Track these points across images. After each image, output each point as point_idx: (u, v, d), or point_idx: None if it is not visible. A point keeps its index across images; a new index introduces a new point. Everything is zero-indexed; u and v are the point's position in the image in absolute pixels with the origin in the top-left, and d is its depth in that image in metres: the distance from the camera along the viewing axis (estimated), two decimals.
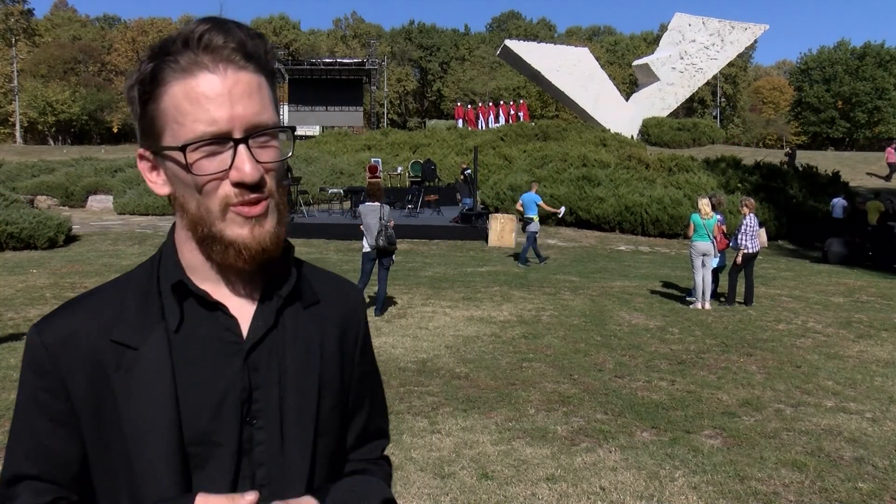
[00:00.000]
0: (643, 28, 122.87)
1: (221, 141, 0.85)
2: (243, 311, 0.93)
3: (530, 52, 34.66)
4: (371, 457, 1.10)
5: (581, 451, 4.60)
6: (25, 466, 0.90)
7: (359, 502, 0.92)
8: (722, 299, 10.19)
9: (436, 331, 7.96)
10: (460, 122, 38.47)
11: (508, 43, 35.23)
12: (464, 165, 21.16)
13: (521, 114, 39.40)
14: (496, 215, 17.28)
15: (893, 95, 59.98)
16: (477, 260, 14.60)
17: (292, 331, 0.95)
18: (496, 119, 38.65)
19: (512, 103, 41.06)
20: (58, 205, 22.71)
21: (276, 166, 0.90)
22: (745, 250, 9.91)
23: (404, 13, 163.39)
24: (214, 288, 0.93)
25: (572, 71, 34.37)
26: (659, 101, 36.50)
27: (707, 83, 47.75)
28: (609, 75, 38.65)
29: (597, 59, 37.74)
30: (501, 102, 42.01)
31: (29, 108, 56.83)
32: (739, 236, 9.94)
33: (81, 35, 68.92)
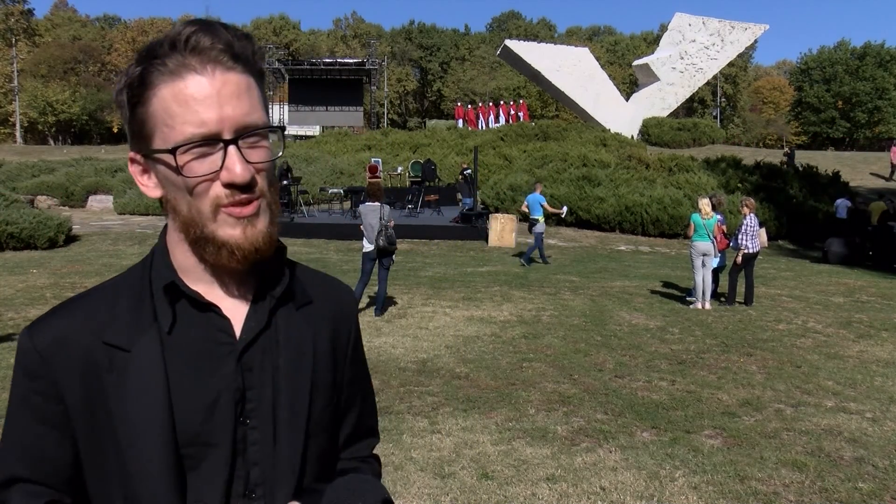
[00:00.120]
0: (643, 28, 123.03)
1: (211, 142, 0.85)
2: (236, 311, 0.93)
3: (530, 52, 34.67)
4: (361, 455, 1.10)
5: (581, 451, 4.60)
6: (18, 469, 0.90)
7: (356, 502, 0.92)
8: (722, 299, 10.19)
9: (436, 331, 7.96)
10: (460, 122, 38.48)
11: (508, 43, 35.24)
12: (464, 165, 21.17)
13: (521, 114, 39.41)
14: (496, 215, 17.28)
15: (893, 95, 60.00)
16: (477, 260, 14.60)
17: (285, 331, 0.95)
18: (496, 119, 38.66)
19: (512, 103, 41.07)
20: (58, 205, 22.72)
21: (267, 166, 0.90)
22: (746, 250, 9.92)
23: (404, 13, 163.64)
24: (207, 289, 0.93)
25: (572, 71, 34.38)
26: (659, 101, 36.51)
27: (707, 83, 47.76)
28: (609, 75, 38.66)
29: (597, 59, 37.75)
30: (501, 102, 42.02)
31: (29, 108, 56.90)
32: (740, 236, 9.94)
33: (81, 35, 68.96)
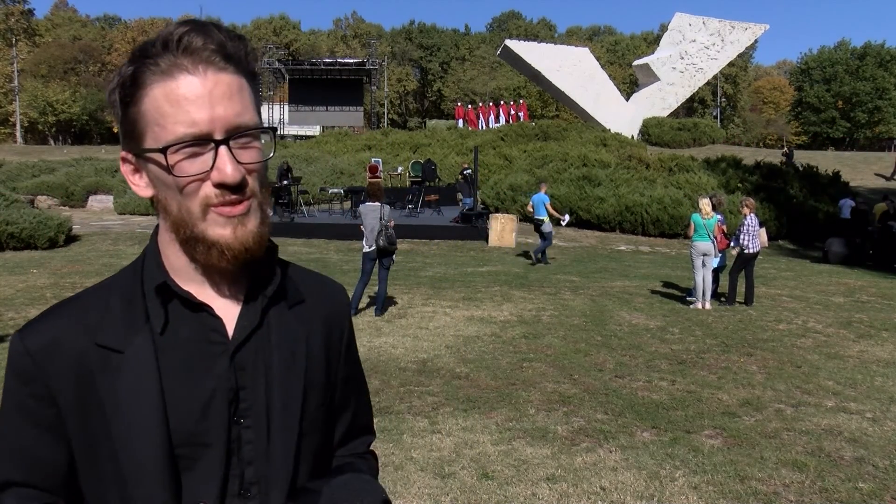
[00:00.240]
0: (643, 28, 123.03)
1: (202, 142, 0.85)
2: (228, 311, 0.93)
3: (530, 52, 34.69)
4: (357, 452, 1.11)
5: (581, 451, 4.60)
6: (12, 473, 0.90)
7: (355, 501, 0.92)
8: (722, 299, 10.18)
9: (436, 331, 7.96)
10: (461, 122, 38.49)
11: (509, 43, 35.26)
12: (464, 165, 21.17)
13: (521, 114, 39.42)
14: (496, 215, 17.28)
15: (894, 95, 60.02)
16: (477, 260, 14.60)
17: (277, 330, 0.95)
18: (496, 119, 38.67)
19: (512, 103, 41.08)
20: (58, 205, 22.72)
21: (258, 167, 0.90)
22: (746, 250, 9.92)
23: (404, 13, 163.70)
24: (199, 289, 0.93)
25: (573, 71, 34.39)
26: (659, 100, 36.52)
27: (707, 83, 47.77)
28: (609, 75, 38.67)
29: (597, 59, 37.77)
30: (502, 102, 42.04)
31: (29, 108, 56.92)
32: (742, 236, 9.94)
33: (82, 35, 68.99)
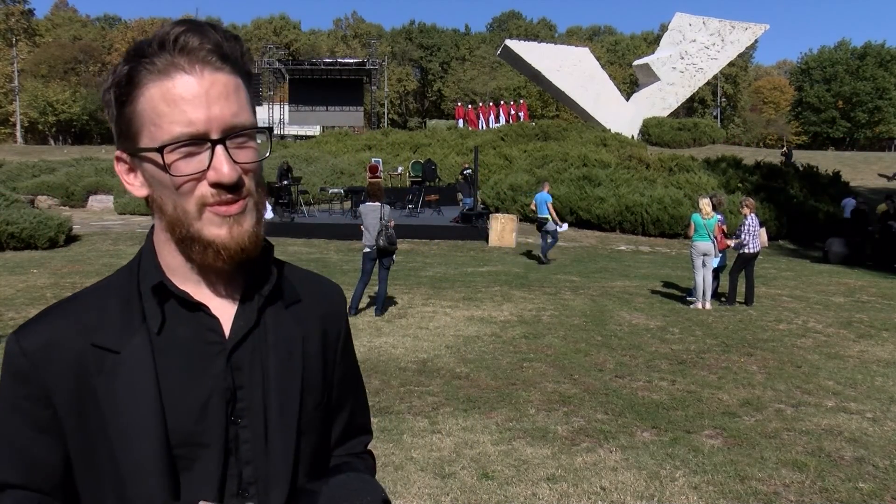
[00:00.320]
0: (643, 28, 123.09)
1: (199, 142, 0.85)
2: (225, 311, 0.93)
3: (531, 52, 34.68)
4: (355, 452, 1.11)
5: (581, 451, 4.60)
6: (8, 475, 0.89)
7: (354, 501, 0.92)
8: (722, 299, 10.18)
9: (436, 331, 7.96)
10: (461, 121, 38.49)
11: (509, 43, 35.26)
12: (465, 165, 21.16)
13: (521, 114, 39.41)
14: (497, 215, 17.27)
15: (894, 95, 60.01)
16: (477, 260, 14.60)
17: (274, 330, 0.95)
18: (496, 119, 38.66)
19: (512, 103, 41.08)
20: (58, 205, 22.72)
21: (254, 167, 0.90)
22: (746, 250, 9.92)
23: (404, 13, 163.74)
24: (195, 289, 0.92)
25: (573, 71, 34.39)
26: (659, 100, 36.51)
27: (707, 83, 47.77)
28: (609, 75, 38.67)
29: (597, 58, 37.76)
30: (502, 102, 42.03)
31: (29, 108, 56.94)
32: (743, 235, 9.94)
33: (82, 35, 69.00)
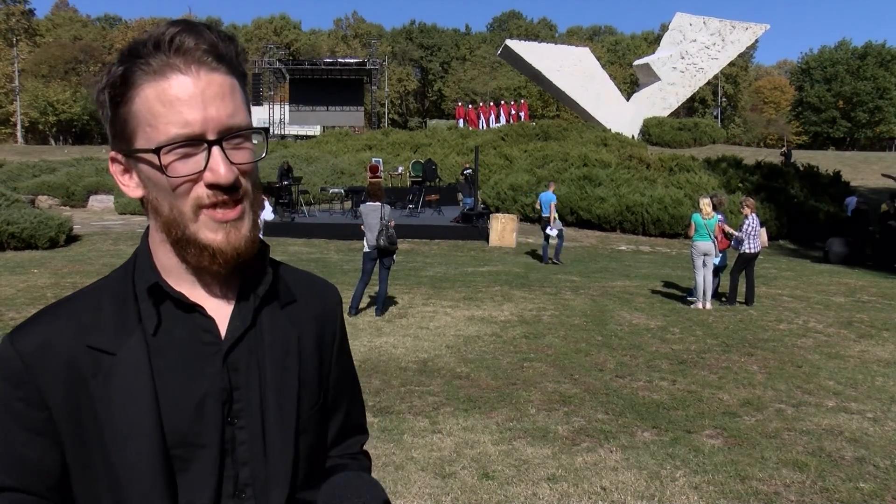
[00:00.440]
0: (644, 28, 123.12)
1: (195, 143, 0.85)
2: (220, 311, 0.93)
3: (531, 52, 34.68)
4: (351, 452, 1.11)
5: (582, 451, 4.60)
6: (3, 477, 0.88)
7: (354, 500, 0.92)
8: (723, 299, 10.18)
9: (437, 330, 7.96)
10: (461, 121, 38.49)
11: (509, 43, 35.25)
12: (466, 165, 21.15)
13: (521, 113, 39.40)
14: (497, 215, 17.28)
15: (894, 95, 59.96)
16: (478, 260, 14.60)
17: (270, 330, 0.95)
18: (497, 119, 38.66)
19: (513, 103, 41.06)
20: (59, 205, 22.73)
21: (251, 167, 0.90)
22: (747, 250, 9.91)
23: (405, 13, 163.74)
24: (191, 290, 0.92)
25: (573, 71, 34.39)
26: (660, 100, 36.50)
27: (708, 83, 47.77)
28: (610, 75, 38.67)
29: (598, 58, 37.75)
30: (502, 102, 42.01)
31: (30, 108, 56.97)
32: (743, 235, 9.93)
33: (82, 35, 68.98)
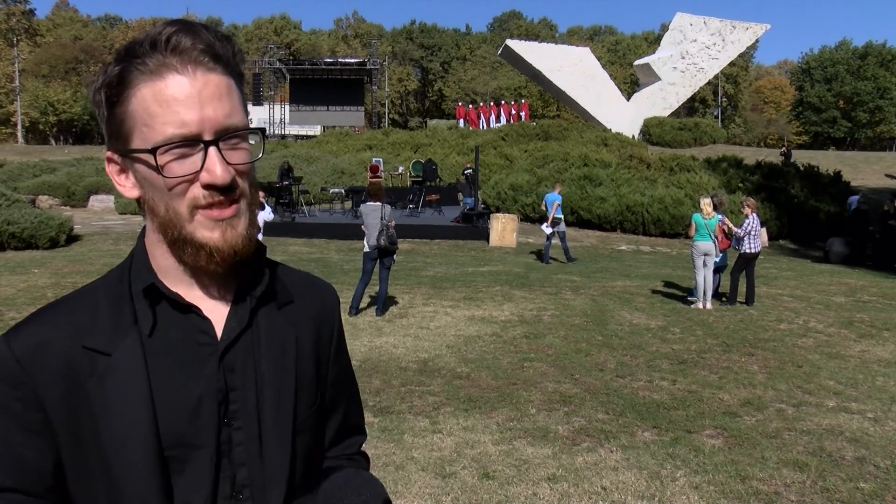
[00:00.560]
0: (644, 28, 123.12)
1: (191, 143, 0.85)
2: (217, 312, 0.93)
3: (531, 52, 34.67)
4: (349, 452, 1.10)
5: (582, 451, 4.60)
6: (3, 478, 0.88)
7: (355, 498, 0.92)
8: (723, 299, 10.18)
9: (437, 330, 7.96)
10: (461, 121, 38.48)
11: (510, 43, 35.24)
12: (466, 165, 21.15)
13: (522, 113, 39.40)
14: (497, 215, 17.27)
15: (895, 95, 59.94)
16: (478, 260, 14.60)
17: (267, 331, 0.95)
18: (497, 119, 38.65)
19: (513, 103, 41.06)
20: (59, 204, 22.74)
21: (247, 168, 0.90)
22: (747, 250, 9.91)
23: (405, 13, 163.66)
24: (187, 290, 0.92)
25: (573, 71, 34.38)
26: (660, 100, 36.49)
27: (708, 83, 47.73)
28: (610, 75, 38.66)
29: (598, 58, 37.75)
30: (503, 102, 42.00)
31: (30, 108, 56.98)
32: (743, 234, 9.93)
33: (83, 35, 68.98)
